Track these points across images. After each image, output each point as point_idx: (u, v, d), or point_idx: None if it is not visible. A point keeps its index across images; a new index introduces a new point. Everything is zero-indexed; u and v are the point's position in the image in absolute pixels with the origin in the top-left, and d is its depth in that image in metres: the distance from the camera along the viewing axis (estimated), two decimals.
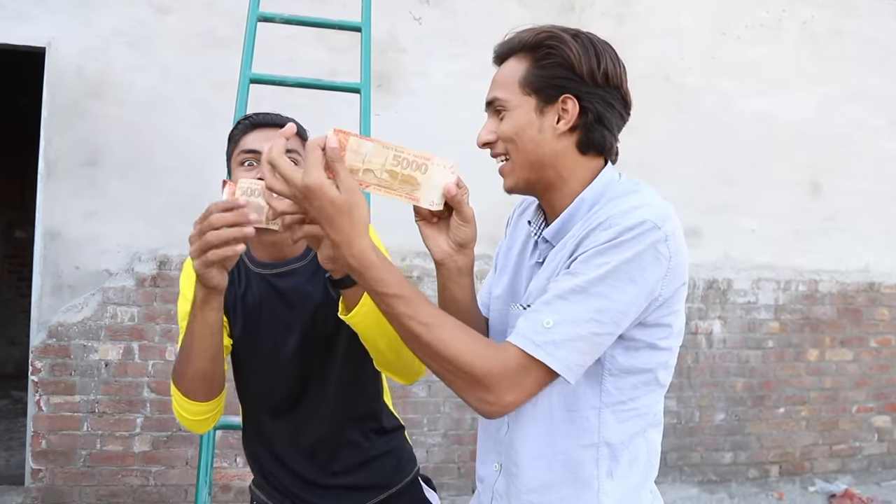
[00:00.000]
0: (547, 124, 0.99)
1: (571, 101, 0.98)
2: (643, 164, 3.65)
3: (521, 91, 0.99)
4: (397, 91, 3.31)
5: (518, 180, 1.02)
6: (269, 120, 1.25)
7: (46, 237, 2.99)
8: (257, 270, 1.28)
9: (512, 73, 1.01)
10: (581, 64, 0.97)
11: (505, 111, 1.00)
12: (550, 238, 1.02)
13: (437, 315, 0.91)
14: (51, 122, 2.99)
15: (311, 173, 0.84)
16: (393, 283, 0.88)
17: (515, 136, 0.99)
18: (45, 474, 2.87)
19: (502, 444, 1.06)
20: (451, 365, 0.89)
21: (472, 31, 3.39)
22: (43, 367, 2.88)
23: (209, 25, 3.11)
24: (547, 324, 0.89)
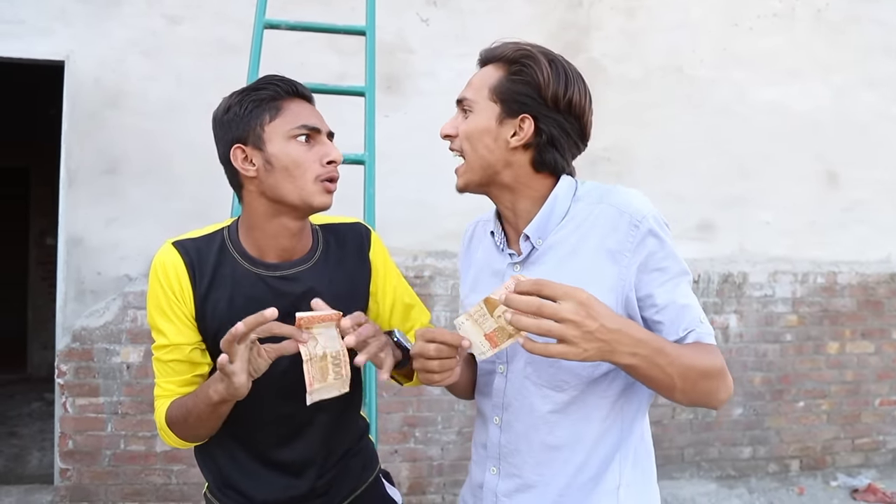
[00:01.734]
0: (502, 135, 1.05)
1: (528, 121, 1.04)
2: (656, 157, 3.64)
3: (489, 96, 1.05)
4: (406, 92, 3.34)
5: (469, 181, 1.08)
6: (308, 94, 1.19)
7: (69, 244, 3.08)
8: (256, 271, 1.17)
9: (486, 79, 1.06)
10: (548, 87, 1.02)
11: (470, 112, 1.07)
12: (532, 234, 1.06)
13: (678, 346, 0.96)
14: (71, 132, 3.08)
15: (575, 290, 0.86)
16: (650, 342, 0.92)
17: (473, 136, 1.06)
18: (73, 473, 2.97)
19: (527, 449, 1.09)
20: (710, 374, 0.97)
21: (480, 30, 3.41)
22: (68, 371, 2.97)
23: (221, 33, 3.18)
24: (702, 319, 1.01)
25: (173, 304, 1.16)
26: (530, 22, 3.49)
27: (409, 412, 3.28)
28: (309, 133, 1.14)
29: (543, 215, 1.06)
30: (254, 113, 1.14)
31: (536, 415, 1.05)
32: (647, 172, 3.61)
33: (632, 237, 0.99)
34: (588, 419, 1.04)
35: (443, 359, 0.97)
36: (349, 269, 1.26)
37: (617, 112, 3.56)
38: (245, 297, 1.15)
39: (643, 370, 0.91)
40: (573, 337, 0.84)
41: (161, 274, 1.17)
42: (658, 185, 3.61)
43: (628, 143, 3.59)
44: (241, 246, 1.19)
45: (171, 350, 1.17)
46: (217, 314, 1.15)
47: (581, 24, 3.57)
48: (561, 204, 1.06)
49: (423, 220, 3.30)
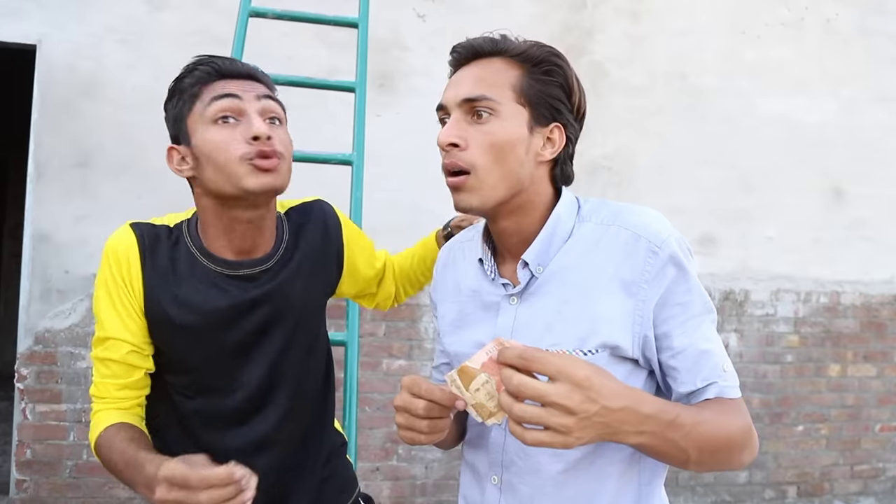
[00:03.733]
0: (534, 147, 0.88)
1: (559, 131, 0.89)
2: (658, 167, 3.50)
3: (514, 98, 0.87)
4: (400, 90, 3.19)
5: (486, 200, 0.87)
6: (238, 68, 1.05)
7: (36, 240, 2.90)
8: (216, 269, 1.08)
9: (504, 76, 0.87)
10: (576, 94, 0.90)
11: (494, 116, 0.86)
12: (532, 260, 0.91)
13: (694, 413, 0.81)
14: (41, 122, 2.90)
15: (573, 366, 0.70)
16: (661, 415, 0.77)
17: (502, 147, 0.86)
18: (30, 485, 2.78)
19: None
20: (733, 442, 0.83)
21: (478, 27, 3.25)
22: (29, 375, 2.79)
23: (204, 23, 3.01)
24: (725, 368, 0.87)
25: (121, 292, 1.06)
26: (532, 22, 3.34)
27: (392, 428, 3.12)
28: (229, 112, 1.01)
29: (544, 238, 0.90)
30: (178, 106, 1.05)
31: (544, 475, 0.89)
32: (648, 183, 3.47)
33: (650, 265, 0.85)
34: (602, 477, 0.89)
35: (433, 419, 0.81)
36: (320, 257, 1.18)
37: (619, 118, 3.43)
38: (200, 294, 1.06)
39: (652, 448, 0.77)
40: (560, 426, 0.69)
41: (112, 257, 1.07)
42: (659, 197, 3.47)
43: (630, 152, 3.45)
44: (200, 241, 1.10)
45: (109, 347, 1.07)
46: (166, 309, 1.06)
47: (584, 27, 3.43)
48: (564, 225, 0.91)
49: (415, 226, 3.12)
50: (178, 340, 1.08)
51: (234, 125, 1.01)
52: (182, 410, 1.12)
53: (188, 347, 1.09)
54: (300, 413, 1.16)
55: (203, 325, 1.07)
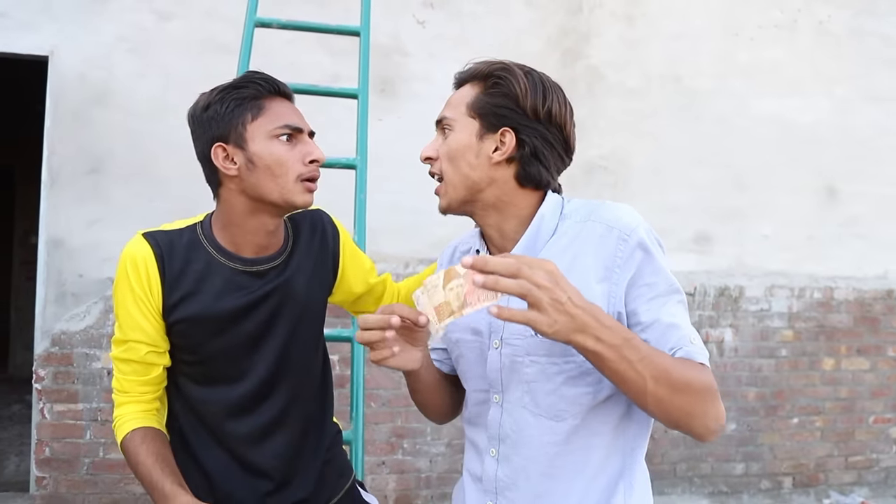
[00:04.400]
0: (484, 151, 1.01)
1: (509, 134, 1.01)
2: (653, 168, 3.59)
3: (467, 113, 1.02)
4: (401, 95, 3.27)
5: (451, 200, 1.04)
6: (289, 92, 1.20)
7: (50, 245, 3.00)
8: (232, 265, 1.16)
9: (463, 97, 1.04)
10: (525, 98, 1.00)
11: (450, 130, 1.03)
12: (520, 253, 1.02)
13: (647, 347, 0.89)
14: (54, 130, 2.99)
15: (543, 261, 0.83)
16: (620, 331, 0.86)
17: (454, 154, 1.02)
18: (49, 482, 2.88)
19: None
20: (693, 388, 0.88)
21: (478, 33, 3.35)
22: (46, 375, 2.88)
23: (211, 32, 3.10)
24: (692, 340, 0.93)
25: (139, 298, 1.15)
26: (530, 27, 3.43)
27: (398, 423, 3.21)
28: (291, 133, 1.15)
29: (530, 235, 1.02)
30: (235, 112, 1.13)
31: (535, 446, 0.99)
32: (643, 182, 3.56)
33: (621, 252, 0.95)
34: (589, 448, 0.98)
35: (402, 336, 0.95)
36: (318, 258, 1.28)
37: (615, 120, 3.51)
38: (219, 291, 1.15)
39: (610, 362, 0.84)
40: (546, 304, 0.79)
41: (130, 266, 1.15)
42: (655, 196, 3.55)
43: (625, 153, 3.54)
44: (216, 240, 1.18)
45: (128, 349, 1.16)
46: (187, 307, 1.15)
47: (581, 31, 3.52)
48: (548, 223, 1.02)
49: (416, 228, 3.23)
50: (196, 336, 1.16)
51: (293, 145, 1.15)
52: (193, 399, 1.21)
53: (205, 341, 1.16)
54: (303, 402, 1.25)
55: (221, 319, 1.15)
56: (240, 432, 1.20)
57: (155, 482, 1.10)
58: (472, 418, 1.10)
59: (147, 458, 1.13)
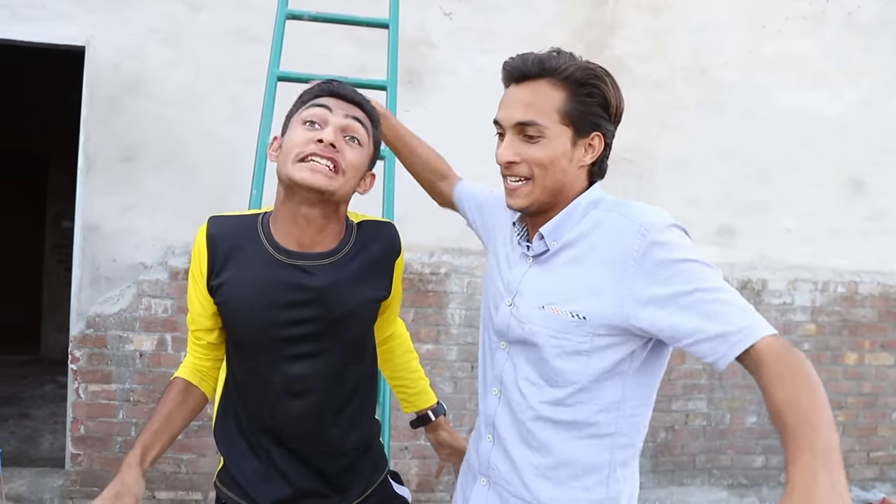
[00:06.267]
0: (577, 156, 1.06)
1: (599, 139, 1.06)
2: (678, 160, 3.58)
3: (560, 120, 1.03)
4: (427, 86, 3.31)
5: (534, 201, 1.07)
6: (348, 93, 1.19)
7: (85, 230, 3.09)
8: (278, 257, 1.17)
9: (549, 100, 1.03)
10: (614, 105, 1.05)
11: (542, 138, 1.04)
12: (548, 234, 1.08)
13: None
14: (89, 118, 3.07)
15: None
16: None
17: (549, 164, 1.04)
18: (84, 459, 2.98)
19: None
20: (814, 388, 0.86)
21: (503, 25, 3.37)
22: (81, 357, 2.98)
23: (241, 22, 3.15)
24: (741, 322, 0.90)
25: (194, 276, 1.24)
26: (555, 18, 3.44)
27: None
28: (316, 119, 1.15)
29: (562, 218, 1.07)
30: (293, 107, 1.22)
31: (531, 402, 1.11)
32: (667, 175, 3.56)
33: (637, 245, 0.97)
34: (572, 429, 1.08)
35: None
36: (376, 268, 1.26)
37: (639, 112, 3.51)
38: (259, 280, 1.17)
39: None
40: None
41: (194, 245, 1.24)
42: (678, 189, 3.56)
43: (650, 145, 3.54)
44: (270, 231, 1.20)
45: (191, 320, 1.28)
46: (229, 290, 1.19)
47: (606, 22, 3.52)
48: (580, 210, 1.07)
49: (441, 217, 3.25)
50: (234, 318, 1.19)
51: (316, 130, 1.13)
52: (237, 383, 1.26)
53: (240, 326, 1.19)
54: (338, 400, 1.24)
55: (252, 303, 1.16)
56: (276, 420, 1.22)
57: (139, 437, 1.17)
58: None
59: (158, 408, 1.22)
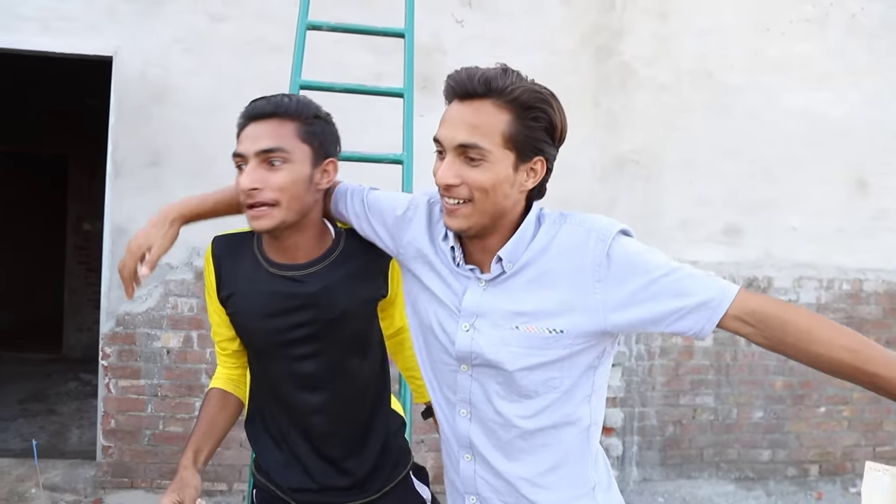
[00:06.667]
0: (518, 180, 1.02)
1: (542, 163, 1.03)
2: (685, 161, 3.68)
3: (503, 144, 0.99)
4: (440, 92, 3.40)
5: (474, 224, 1.03)
6: (264, 111, 1.19)
7: (114, 233, 3.22)
8: (271, 270, 1.27)
9: (494, 123, 0.99)
10: (558, 129, 1.02)
11: (484, 161, 0.99)
12: (506, 256, 1.05)
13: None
14: (117, 125, 3.21)
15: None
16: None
17: (492, 188, 1.00)
18: (114, 451, 3.12)
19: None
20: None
21: (514, 32, 3.47)
22: (112, 353, 3.11)
23: (261, 32, 3.27)
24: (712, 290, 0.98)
25: (208, 291, 1.35)
26: (564, 24, 3.54)
27: None
28: (240, 163, 1.19)
29: (517, 241, 1.04)
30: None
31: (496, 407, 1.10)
32: (674, 175, 3.65)
33: (600, 250, 0.99)
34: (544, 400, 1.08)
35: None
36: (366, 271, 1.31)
37: (646, 115, 3.61)
38: (258, 292, 1.27)
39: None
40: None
41: (204, 265, 1.37)
42: (686, 189, 3.65)
43: (657, 147, 3.63)
44: (262, 247, 1.30)
45: (214, 333, 1.39)
46: (235, 303, 1.30)
47: (614, 28, 3.61)
48: (532, 229, 1.06)
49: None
50: (242, 328, 1.31)
51: (241, 172, 1.19)
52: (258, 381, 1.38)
53: (249, 334, 1.31)
54: (349, 399, 1.32)
55: (258, 316, 1.27)
56: (294, 415, 1.31)
57: (187, 443, 1.29)
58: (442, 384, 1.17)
59: (200, 416, 1.33)
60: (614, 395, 3.42)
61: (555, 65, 3.50)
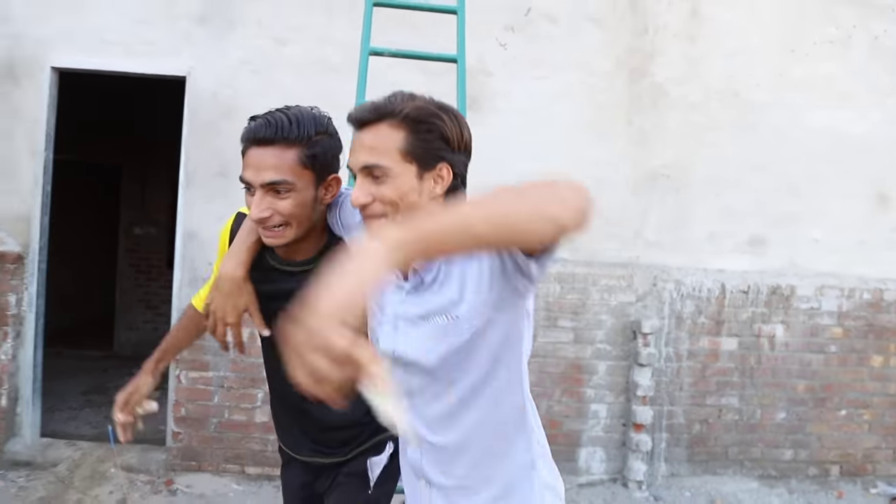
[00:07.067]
0: (426, 189, 1.11)
1: (447, 169, 1.11)
2: (713, 175, 3.90)
3: (402, 159, 1.08)
4: (484, 110, 3.68)
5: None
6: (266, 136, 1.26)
7: (185, 237, 3.52)
8: (271, 262, 1.41)
9: (390, 141, 1.08)
10: (454, 136, 1.11)
11: (387, 177, 1.09)
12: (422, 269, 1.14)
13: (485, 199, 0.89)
14: (189, 140, 3.52)
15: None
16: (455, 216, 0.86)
17: (399, 200, 1.09)
18: (184, 436, 3.41)
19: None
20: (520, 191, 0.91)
21: (553, 54, 3.73)
22: None
23: (322, 54, 3.57)
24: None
25: (220, 256, 1.52)
26: (600, 47, 3.79)
27: None
28: (249, 185, 1.30)
29: None
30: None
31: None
32: (703, 189, 3.87)
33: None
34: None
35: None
36: None
37: (676, 132, 3.84)
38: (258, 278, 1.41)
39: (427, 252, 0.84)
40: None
41: (221, 232, 1.53)
42: (713, 202, 3.87)
43: (687, 162, 3.86)
44: None
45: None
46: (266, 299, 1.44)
47: (646, 50, 3.86)
48: None
49: None
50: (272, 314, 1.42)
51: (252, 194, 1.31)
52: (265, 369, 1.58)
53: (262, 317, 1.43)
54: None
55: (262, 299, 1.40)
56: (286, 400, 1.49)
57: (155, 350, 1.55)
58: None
59: (173, 330, 1.61)
60: (644, 394, 3.64)
61: (592, 85, 3.75)
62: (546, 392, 3.65)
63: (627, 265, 3.77)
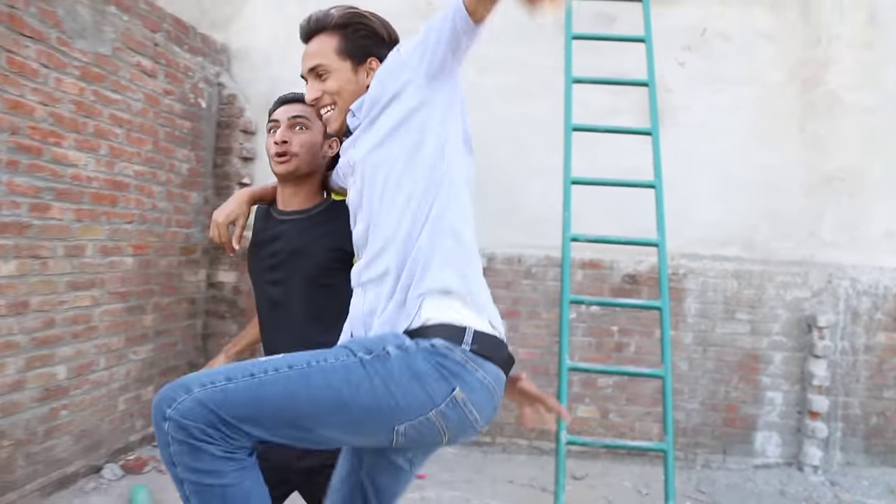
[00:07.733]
0: (360, 79, 1.37)
1: (375, 61, 1.37)
2: (888, 177, 4.04)
3: (338, 58, 1.36)
4: (665, 123, 4.06)
5: (341, 122, 1.38)
6: (290, 97, 1.61)
7: None
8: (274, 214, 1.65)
9: (328, 45, 1.36)
10: (381, 32, 1.39)
11: (328, 74, 1.36)
12: (355, 109, 1.36)
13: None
14: None
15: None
16: None
17: (341, 89, 1.35)
18: None
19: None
20: None
21: (728, 69, 4.05)
22: None
23: (517, 81, 4.12)
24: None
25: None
26: (773, 60, 4.06)
27: None
28: (273, 126, 1.60)
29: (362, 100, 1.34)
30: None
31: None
32: (879, 190, 4.02)
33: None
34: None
35: None
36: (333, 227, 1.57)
37: (850, 138, 4.02)
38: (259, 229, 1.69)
39: None
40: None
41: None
42: (889, 202, 4.01)
43: (862, 164, 4.02)
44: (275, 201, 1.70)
45: None
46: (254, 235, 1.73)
47: (819, 60, 4.07)
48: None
49: (679, 228, 3.99)
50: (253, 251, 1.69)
51: (273, 135, 1.59)
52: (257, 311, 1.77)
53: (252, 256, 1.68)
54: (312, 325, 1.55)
55: (257, 244, 1.66)
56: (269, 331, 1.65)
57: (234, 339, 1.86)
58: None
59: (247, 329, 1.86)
60: (820, 384, 3.87)
61: (763, 97, 4.03)
62: (724, 378, 3.98)
63: (802, 263, 4.00)
